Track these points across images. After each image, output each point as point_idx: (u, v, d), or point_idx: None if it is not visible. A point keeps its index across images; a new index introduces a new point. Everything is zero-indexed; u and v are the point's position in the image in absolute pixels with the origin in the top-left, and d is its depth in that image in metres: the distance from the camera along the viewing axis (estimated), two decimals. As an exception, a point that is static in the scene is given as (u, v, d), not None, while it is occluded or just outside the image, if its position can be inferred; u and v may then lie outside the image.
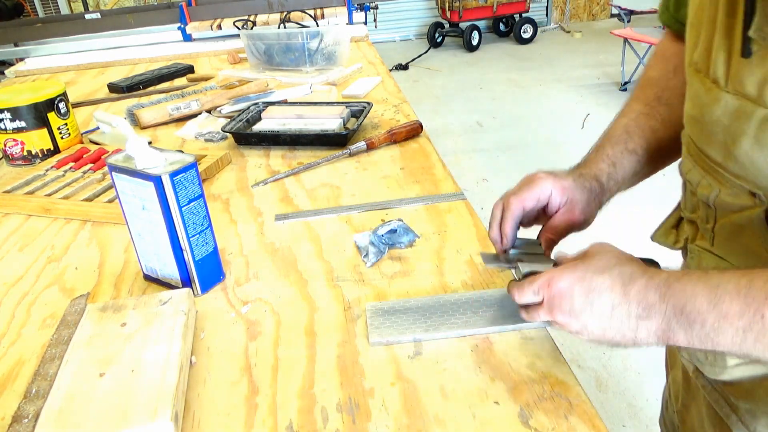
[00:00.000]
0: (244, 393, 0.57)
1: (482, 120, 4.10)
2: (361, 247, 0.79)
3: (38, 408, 0.53)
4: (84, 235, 0.90)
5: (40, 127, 1.16)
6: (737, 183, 0.56)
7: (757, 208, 0.54)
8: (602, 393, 1.80)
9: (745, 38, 0.49)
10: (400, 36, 6.64)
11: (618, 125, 0.72)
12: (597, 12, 6.76)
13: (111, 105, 1.59)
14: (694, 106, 0.60)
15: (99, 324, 0.63)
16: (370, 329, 0.63)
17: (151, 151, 0.67)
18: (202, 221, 0.70)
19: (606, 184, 0.67)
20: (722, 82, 0.54)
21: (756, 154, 0.52)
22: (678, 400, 0.77)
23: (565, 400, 0.53)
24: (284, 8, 2.30)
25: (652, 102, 0.72)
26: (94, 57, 2.13)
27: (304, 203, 0.94)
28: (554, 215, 0.64)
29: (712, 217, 0.61)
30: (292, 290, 0.72)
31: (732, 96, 0.53)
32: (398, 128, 1.14)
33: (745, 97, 0.52)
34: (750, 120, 0.51)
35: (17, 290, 0.77)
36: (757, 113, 0.51)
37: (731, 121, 0.54)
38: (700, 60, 0.58)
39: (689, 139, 0.63)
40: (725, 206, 0.58)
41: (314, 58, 1.66)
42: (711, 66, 0.55)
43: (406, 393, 0.55)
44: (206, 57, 2.07)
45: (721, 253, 0.61)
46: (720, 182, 0.58)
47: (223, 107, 1.38)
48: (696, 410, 0.71)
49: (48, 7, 5.52)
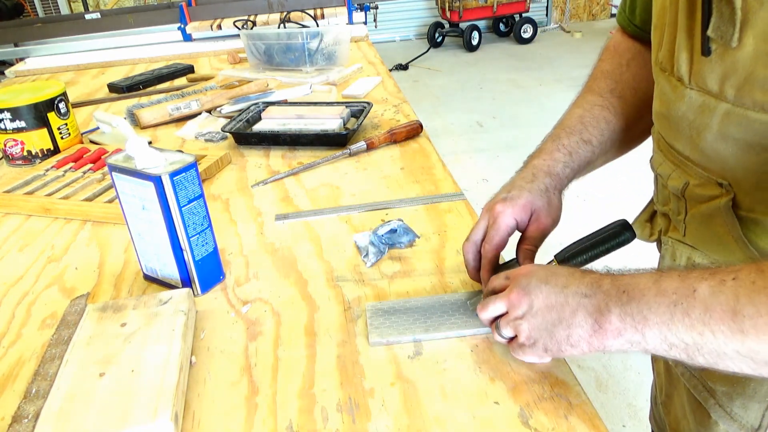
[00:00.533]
0: (244, 393, 0.57)
1: (482, 120, 4.09)
2: (361, 247, 0.79)
3: (38, 408, 0.53)
4: (84, 235, 0.90)
5: (40, 127, 1.16)
6: (704, 174, 0.58)
7: (723, 198, 0.57)
8: (602, 393, 1.80)
9: (704, 38, 0.52)
10: (400, 36, 6.64)
11: (573, 115, 0.73)
12: (597, 12, 6.76)
13: (111, 105, 1.59)
14: (662, 104, 0.63)
15: (99, 324, 0.63)
16: (370, 329, 0.63)
17: (151, 151, 0.67)
18: (202, 221, 0.70)
19: (562, 173, 0.69)
20: (686, 80, 0.57)
21: (720, 145, 0.55)
22: (662, 392, 0.79)
23: (565, 400, 0.53)
24: (284, 8, 2.29)
25: (605, 94, 0.74)
26: (94, 57, 2.12)
27: (304, 203, 0.94)
28: (526, 230, 0.66)
29: (683, 209, 0.63)
30: (292, 290, 0.72)
31: (696, 92, 0.56)
32: (398, 128, 1.14)
33: (707, 93, 0.54)
34: (713, 114, 0.54)
35: (17, 290, 0.77)
36: (719, 107, 0.53)
37: (696, 116, 0.57)
38: (664, 60, 0.60)
39: (659, 135, 0.66)
40: (695, 197, 0.61)
41: (314, 58, 1.66)
42: (675, 65, 0.58)
43: (406, 393, 0.55)
44: (206, 57, 2.07)
45: (693, 242, 0.64)
46: (689, 174, 0.61)
47: (223, 107, 1.38)
48: (678, 399, 0.73)
49: (48, 7, 5.52)
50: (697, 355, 0.43)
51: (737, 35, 0.48)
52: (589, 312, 0.49)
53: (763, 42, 0.47)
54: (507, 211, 0.64)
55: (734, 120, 0.52)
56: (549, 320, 0.51)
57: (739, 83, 0.50)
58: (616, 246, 0.61)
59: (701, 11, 0.51)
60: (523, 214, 0.65)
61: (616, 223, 0.62)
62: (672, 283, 0.45)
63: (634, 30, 0.75)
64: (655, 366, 0.83)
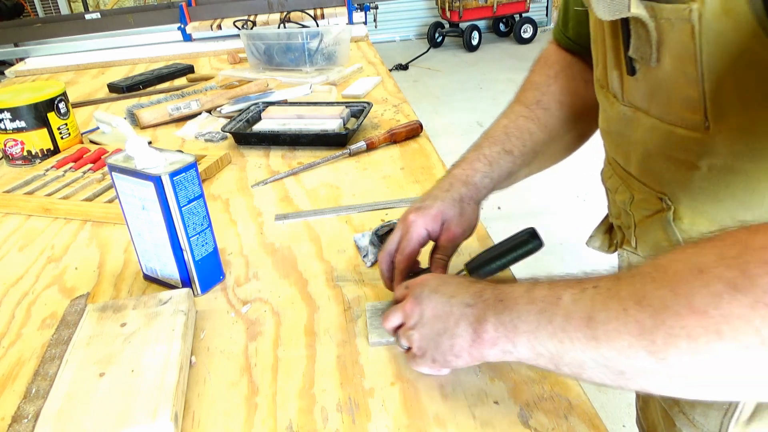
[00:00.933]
0: (244, 393, 0.57)
1: (482, 120, 4.09)
2: (361, 247, 0.79)
3: (38, 408, 0.53)
4: (84, 235, 0.90)
5: (40, 127, 1.16)
6: (645, 189, 0.59)
7: (665, 211, 0.57)
8: (602, 393, 1.80)
9: (626, 58, 0.53)
10: (400, 36, 6.64)
11: (498, 126, 0.74)
12: (597, 12, 6.76)
13: (111, 105, 1.59)
14: (603, 119, 0.65)
15: (99, 324, 0.63)
16: (370, 329, 0.63)
17: (151, 151, 0.67)
18: (202, 221, 0.70)
19: (480, 183, 0.69)
20: (619, 96, 0.58)
21: (654, 161, 0.56)
22: (639, 397, 0.79)
23: (565, 400, 0.53)
24: (284, 8, 2.30)
25: (531, 105, 0.74)
26: (94, 57, 2.13)
27: (304, 203, 0.94)
28: (438, 240, 0.66)
29: (632, 221, 0.64)
30: (292, 290, 0.72)
31: (628, 108, 0.57)
32: (398, 128, 1.14)
33: (637, 109, 0.56)
34: (644, 130, 0.56)
35: (17, 290, 0.77)
36: (648, 123, 0.55)
37: (630, 131, 0.58)
38: (601, 77, 0.62)
39: (606, 149, 0.67)
40: (640, 210, 0.62)
41: (314, 58, 1.66)
42: (609, 82, 0.60)
43: (406, 393, 0.55)
44: (206, 57, 2.07)
45: (644, 254, 0.65)
46: (632, 188, 0.62)
47: (223, 107, 1.38)
48: (653, 406, 0.73)
49: (48, 7, 5.52)
50: (561, 364, 0.43)
51: (655, 55, 0.49)
52: (470, 322, 0.48)
53: (679, 61, 0.48)
54: (419, 221, 0.64)
55: (663, 135, 0.53)
56: (435, 330, 0.51)
57: (664, 100, 0.52)
58: (526, 254, 0.61)
59: (621, 33, 0.53)
60: (434, 224, 0.65)
61: (525, 231, 0.62)
62: (541, 292, 0.45)
63: (566, 42, 0.76)
64: None
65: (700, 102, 0.48)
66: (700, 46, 0.45)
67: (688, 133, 0.51)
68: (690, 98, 0.49)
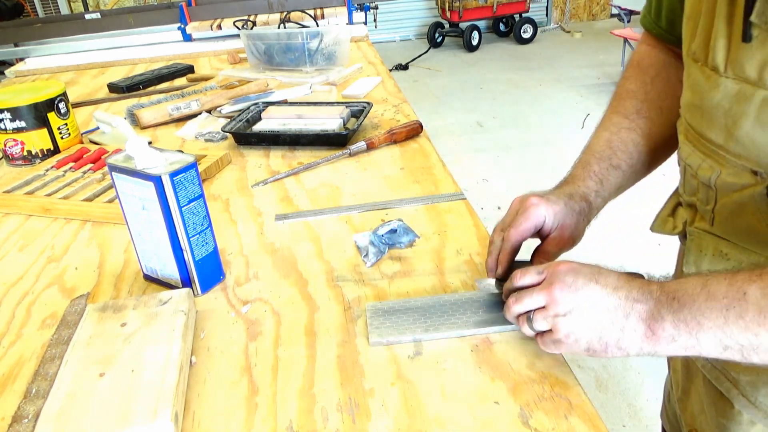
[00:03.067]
0: (244, 393, 0.57)
1: (482, 120, 4.10)
2: (361, 247, 0.79)
3: (38, 408, 0.53)
4: (84, 235, 0.90)
5: (40, 127, 1.16)
6: (738, 163, 0.58)
7: (759, 186, 0.57)
8: (602, 393, 1.80)
9: (746, 23, 0.52)
10: (400, 36, 6.64)
11: (600, 139, 0.73)
12: (597, 12, 6.76)
13: (111, 105, 1.59)
14: (694, 94, 0.63)
15: (99, 324, 0.63)
16: (370, 329, 0.63)
17: (151, 151, 0.67)
18: (202, 221, 0.70)
19: (594, 202, 0.68)
20: (721, 68, 0.57)
21: (757, 133, 0.55)
22: (678, 388, 0.79)
23: (565, 400, 0.53)
24: (284, 8, 2.29)
25: (631, 115, 0.73)
26: (94, 57, 2.12)
27: (304, 203, 0.94)
28: (546, 240, 0.66)
29: (713, 198, 0.63)
30: (292, 290, 0.72)
31: (732, 81, 0.56)
32: (398, 128, 1.14)
33: (745, 80, 0.54)
34: (751, 102, 0.54)
35: (17, 290, 0.77)
36: (758, 95, 0.53)
37: (732, 104, 0.56)
38: (698, 49, 0.60)
39: (687, 126, 0.66)
40: (726, 186, 0.60)
41: (314, 58, 1.66)
42: (710, 54, 0.58)
43: (406, 393, 0.55)
44: (206, 57, 2.07)
45: (721, 232, 0.64)
46: (721, 164, 0.61)
47: (223, 107, 1.38)
48: (695, 394, 0.73)
49: (48, 7, 5.52)
50: (752, 354, 0.45)
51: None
52: (643, 318, 0.50)
53: None
54: (542, 205, 0.64)
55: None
56: (600, 322, 0.51)
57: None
58: None
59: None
60: (554, 218, 0.64)
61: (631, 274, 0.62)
62: (721, 288, 0.47)
63: (659, 32, 0.75)
64: (671, 363, 0.83)
65: None
66: None
67: None
68: None
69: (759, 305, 0.44)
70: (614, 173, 0.70)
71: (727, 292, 0.46)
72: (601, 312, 0.51)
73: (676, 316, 0.48)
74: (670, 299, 0.49)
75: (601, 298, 0.52)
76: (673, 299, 0.49)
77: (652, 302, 0.50)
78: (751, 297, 0.45)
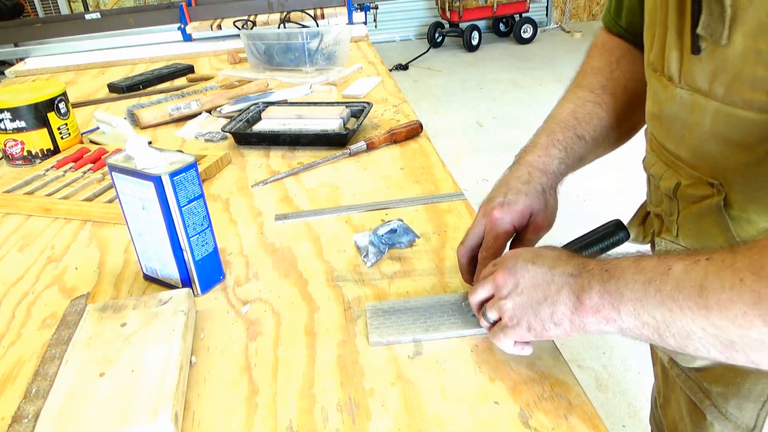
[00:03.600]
0: (244, 393, 0.57)
1: (482, 120, 4.09)
2: (361, 247, 0.79)
3: (38, 408, 0.53)
4: (84, 235, 0.90)
5: (40, 127, 1.16)
6: (695, 174, 0.59)
7: (715, 197, 0.57)
8: (602, 393, 1.80)
9: (694, 36, 0.52)
10: (400, 36, 6.64)
11: (565, 110, 0.73)
12: (597, 12, 6.75)
13: (111, 105, 1.59)
14: (654, 104, 0.64)
15: (99, 324, 0.63)
16: (370, 329, 0.63)
17: (151, 151, 0.67)
18: (202, 221, 0.70)
19: (557, 170, 0.68)
20: (676, 79, 0.57)
21: (710, 145, 0.55)
22: (660, 395, 0.79)
23: (565, 400, 0.53)
24: (284, 8, 2.29)
25: (597, 90, 0.73)
26: (94, 57, 2.12)
27: (304, 203, 0.94)
28: (522, 235, 0.66)
29: (675, 209, 0.63)
30: (292, 290, 0.72)
31: (685, 91, 0.56)
32: (398, 128, 1.14)
33: (697, 91, 0.55)
34: (703, 113, 0.55)
35: (17, 290, 0.77)
36: (709, 106, 0.54)
37: (686, 115, 0.57)
38: (655, 60, 0.61)
39: (651, 135, 0.67)
40: (686, 197, 0.61)
41: (314, 58, 1.66)
42: (665, 64, 0.58)
43: (406, 393, 0.55)
44: (206, 57, 2.07)
45: (686, 243, 0.64)
46: (680, 174, 0.61)
47: (223, 107, 1.38)
48: (675, 402, 0.73)
49: (48, 7, 5.51)
50: (667, 334, 0.44)
51: (726, 33, 0.49)
52: (573, 290, 0.49)
53: (752, 39, 0.47)
54: (505, 218, 0.64)
55: (723, 118, 0.53)
56: (534, 298, 0.51)
57: (729, 81, 0.51)
58: (611, 246, 0.61)
59: (691, 9, 0.52)
60: (522, 220, 0.65)
61: (611, 222, 0.62)
62: (650, 263, 0.46)
63: (619, 31, 0.76)
64: (654, 370, 0.83)
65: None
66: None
67: (752, 115, 0.50)
68: (760, 78, 0.48)
69: (678, 280, 0.43)
70: (578, 143, 0.70)
71: (654, 267, 0.45)
72: (536, 289, 0.51)
73: (603, 287, 0.47)
74: (602, 271, 0.48)
75: (537, 275, 0.52)
76: (605, 271, 0.48)
77: (586, 275, 0.49)
78: (674, 272, 0.43)
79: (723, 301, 0.40)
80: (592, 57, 0.78)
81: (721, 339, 0.40)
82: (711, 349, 0.42)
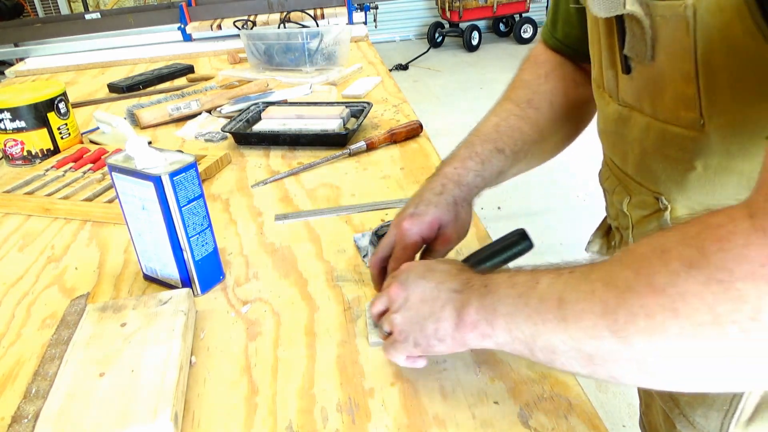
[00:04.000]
0: (243, 393, 0.57)
1: (482, 120, 4.09)
2: (361, 247, 0.79)
3: (38, 408, 0.53)
4: (84, 235, 0.90)
5: (40, 127, 1.16)
6: (642, 189, 0.60)
7: (662, 212, 0.58)
8: (602, 393, 1.80)
9: (622, 57, 0.54)
10: (400, 36, 6.64)
11: (489, 123, 0.73)
12: (597, 12, 6.76)
13: (111, 105, 1.59)
14: (600, 120, 0.65)
15: (99, 324, 0.63)
16: (370, 329, 0.63)
17: (151, 151, 0.67)
18: (202, 221, 0.70)
19: (472, 182, 0.68)
20: (615, 96, 0.58)
21: (649, 161, 0.56)
22: (642, 401, 0.79)
23: (565, 400, 0.53)
24: (284, 8, 2.30)
25: (522, 104, 0.73)
26: (94, 57, 2.13)
27: (304, 203, 0.94)
28: (431, 246, 0.66)
29: (629, 223, 0.64)
30: (292, 290, 0.72)
31: (623, 108, 0.58)
32: (398, 128, 1.14)
33: (633, 108, 0.56)
34: (638, 129, 0.56)
35: (17, 290, 0.77)
36: (642, 122, 0.55)
37: (627, 131, 0.58)
38: (597, 76, 0.62)
39: (604, 151, 0.68)
40: (636, 212, 0.62)
41: (314, 58, 1.66)
42: (604, 82, 0.60)
43: (405, 393, 0.55)
44: (206, 57, 2.07)
45: None
46: (629, 189, 0.62)
47: (223, 107, 1.38)
48: (655, 409, 0.73)
49: (48, 7, 5.52)
50: (535, 348, 0.43)
51: (650, 52, 0.50)
52: (455, 306, 0.49)
53: (674, 58, 0.48)
54: (413, 229, 0.64)
55: (658, 135, 0.53)
56: (421, 313, 0.51)
57: (658, 97, 0.52)
58: (514, 256, 0.61)
59: (616, 30, 0.53)
60: (430, 231, 0.64)
61: (515, 232, 0.62)
62: (522, 277, 0.46)
63: (554, 43, 0.76)
64: None
65: (695, 99, 0.48)
66: (695, 43, 0.45)
67: (683, 131, 0.51)
68: (685, 95, 0.49)
69: (542, 294, 0.42)
70: (497, 156, 0.69)
71: (525, 281, 0.45)
72: (424, 304, 0.51)
73: (480, 302, 0.47)
74: (481, 287, 0.48)
75: (426, 291, 0.52)
76: (484, 287, 0.48)
77: (468, 291, 0.49)
78: (540, 286, 0.43)
79: (577, 312, 0.39)
80: (522, 70, 0.78)
81: (581, 353, 0.40)
82: (574, 363, 0.41)
